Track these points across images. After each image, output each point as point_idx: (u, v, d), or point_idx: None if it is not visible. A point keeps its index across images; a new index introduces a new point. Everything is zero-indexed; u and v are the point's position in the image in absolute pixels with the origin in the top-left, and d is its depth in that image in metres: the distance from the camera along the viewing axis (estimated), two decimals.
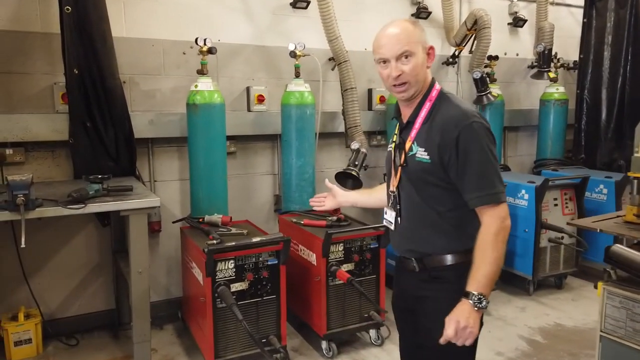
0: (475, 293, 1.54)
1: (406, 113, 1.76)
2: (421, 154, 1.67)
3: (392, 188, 1.79)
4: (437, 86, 1.73)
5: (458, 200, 1.65)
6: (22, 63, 3.17)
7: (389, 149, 1.87)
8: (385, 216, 1.86)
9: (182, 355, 3.20)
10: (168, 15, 3.53)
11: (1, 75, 3.13)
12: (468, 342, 1.54)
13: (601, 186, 4.24)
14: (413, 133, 1.71)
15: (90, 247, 3.50)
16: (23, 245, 2.33)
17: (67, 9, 2.95)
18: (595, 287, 2.10)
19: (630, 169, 2.13)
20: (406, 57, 1.63)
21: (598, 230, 2.12)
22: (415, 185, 1.71)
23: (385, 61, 1.66)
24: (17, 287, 3.28)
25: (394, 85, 1.67)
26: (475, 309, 1.53)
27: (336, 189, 2.21)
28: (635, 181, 2.11)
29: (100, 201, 2.67)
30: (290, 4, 3.91)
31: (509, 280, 4.21)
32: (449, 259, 1.70)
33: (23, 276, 3.25)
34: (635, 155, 2.14)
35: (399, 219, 1.77)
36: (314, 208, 2.29)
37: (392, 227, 1.81)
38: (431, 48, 1.70)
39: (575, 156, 5.03)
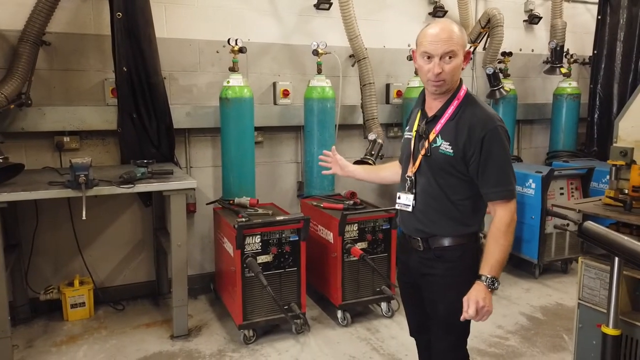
0: (489, 276, 1.74)
1: (433, 106, 1.90)
2: (445, 147, 1.82)
3: (410, 173, 1.94)
4: (464, 87, 1.88)
5: (470, 192, 1.85)
6: (78, 61, 3.61)
7: (407, 136, 2.01)
8: (399, 200, 1.98)
9: (215, 320, 3.61)
10: (204, 18, 3.92)
11: (61, 72, 3.57)
12: (484, 319, 1.74)
13: (608, 177, 4.42)
14: (438, 127, 1.86)
15: (134, 224, 3.94)
16: (84, 218, 2.74)
17: (118, 15, 3.36)
18: None
19: (610, 158, 2.40)
20: (450, 57, 1.75)
21: (577, 211, 2.40)
22: (435, 173, 1.86)
23: (429, 57, 1.77)
24: (72, 257, 3.75)
25: (432, 80, 1.79)
26: (489, 290, 1.74)
27: (343, 161, 2.32)
28: (613, 168, 2.38)
29: (146, 182, 3.08)
30: (314, 5, 4.24)
31: (516, 264, 4.49)
32: (452, 241, 1.89)
33: (78, 248, 3.72)
34: (614, 145, 2.41)
35: (414, 202, 1.92)
36: (321, 164, 2.39)
37: (410, 209, 1.94)
38: (468, 52, 1.84)
39: (587, 149, 5.21)
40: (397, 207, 2.01)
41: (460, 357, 2.03)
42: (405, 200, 1.95)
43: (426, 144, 1.87)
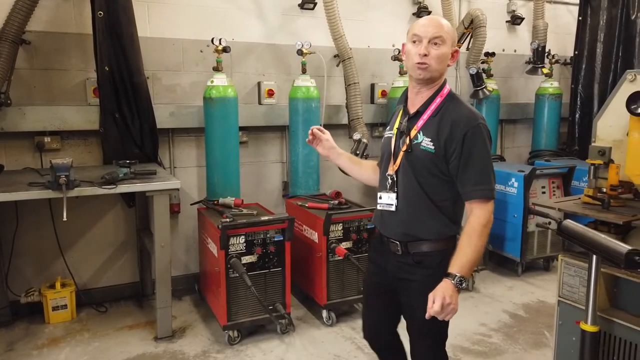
0: (458, 275, 1.69)
1: (415, 103, 1.89)
2: (427, 143, 1.81)
3: (391, 172, 1.90)
4: (448, 86, 1.89)
5: (449, 193, 1.84)
6: (59, 60, 3.56)
7: (387, 135, 1.98)
8: (380, 200, 1.94)
9: (199, 321, 3.59)
10: (187, 17, 3.89)
11: (42, 72, 3.52)
12: (449, 317, 1.70)
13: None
14: (420, 123, 1.84)
15: (117, 225, 3.90)
16: (65, 219, 2.73)
17: (100, 14, 3.32)
18: None
19: (588, 157, 2.44)
20: (436, 43, 1.76)
21: (557, 210, 2.44)
22: (416, 172, 1.83)
23: (417, 41, 1.78)
24: (54, 259, 3.70)
25: (417, 63, 1.78)
26: (456, 289, 1.68)
27: (332, 142, 2.15)
28: (592, 167, 2.41)
29: (129, 183, 3.05)
30: (299, 5, 4.24)
31: (499, 262, 4.55)
32: (431, 246, 1.86)
33: (59, 250, 3.67)
34: (593, 144, 2.45)
35: (397, 201, 1.88)
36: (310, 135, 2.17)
37: (393, 209, 1.90)
38: (457, 51, 1.85)
39: (569, 148, 5.29)
40: (379, 207, 1.97)
41: (440, 358, 2.04)
42: (388, 200, 1.91)
43: (407, 140, 1.85)
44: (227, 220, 3.16)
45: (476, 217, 1.77)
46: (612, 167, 2.31)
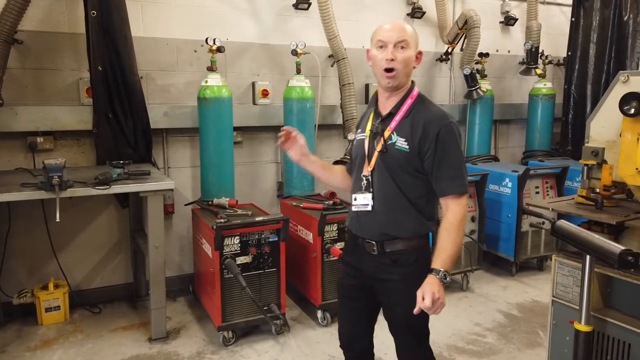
0: (442, 270, 1.75)
1: (387, 105, 1.93)
2: (401, 143, 1.86)
3: (366, 173, 1.93)
4: (416, 88, 1.94)
5: (424, 190, 1.89)
6: (51, 60, 3.54)
7: (360, 137, 2.01)
8: (355, 202, 1.97)
9: (194, 322, 3.57)
10: (181, 16, 3.88)
11: (34, 71, 3.50)
12: (438, 312, 1.73)
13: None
14: (393, 124, 1.89)
15: (111, 226, 3.88)
16: (58, 220, 2.71)
17: (93, 13, 3.30)
18: None
19: (582, 157, 2.45)
20: (402, 47, 1.82)
21: (550, 210, 2.45)
22: (391, 171, 1.88)
23: (382, 46, 1.84)
24: (47, 260, 3.67)
25: (385, 70, 1.83)
26: (442, 283, 1.74)
27: (306, 148, 2.09)
28: (585, 167, 2.43)
29: (123, 183, 3.04)
30: (293, 5, 4.24)
31: (493, 262, 4.56)
32: (406, 244, 1.90)
33: (52, 251, 3.64)
34: (586, 145, 2.46)
35: (373, 201, 1.92)
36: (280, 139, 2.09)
37: (369, 209, 1.93)
38: (420, 53, 1.90)
39: (562, 148, 5.32)
40: (354, 209, 1.99)
41: (426, 356, 2.06)
42: (364, 201, 1.94)
43: (381, 141, 1.90)
44: (222, 220, 3.15)
45: (452, 212, 1.84)
46: (606, 167, 2.33)
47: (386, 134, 1.90)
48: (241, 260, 3.14)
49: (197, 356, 3.12)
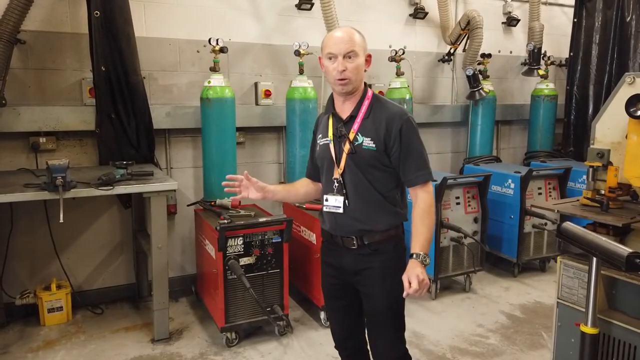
0: (421, 253, 1.87)
1: (345, 109, 2.01)
2: (368, 142, 1.95)
3: (337, 175, 2.00)
4: (370, 89, 2.03)
5: (394, 182, 2.00)
6: (54, 60, 3.53)
7: (323, 142, 2.06)
8: (327, 203, 2.02)
9: (196, 323, 3.57)
10: (184, 17, 3.87)
11: (36, 71, 3.49)
12: (425, 292, 1.84)
13: (584, 177, 4.52)
14: (356, 126, 1.98)
15: (113, 227, 3.88)
16: (62, 221, 2.70)
17: (96, 13, 3.29)
18: None
19: (587, 159, 2.44)
20: (350, 57, 1.89)
21: (555, 211, 2.46)
22: (363, 170, 1.97)
23: (332, 57, 1.91)
24: (49, 261, 3.67)
25: (338, 79, 1.92)
26: (423, 265, 1.86)
27: (260, 183, 2.16)
28: (591, 169, 2.42)
29: (126, 184, 3.03)
30: (296, 5, 4.23)
31: (495, 263, 4.56)
32: (384, 234, 1.99)
33: (55, 252, 3.64)
34: (591, 147, 2.46)
35: (346, 202, 1.98)
36: (227, 190, 2.18)
37: (341, 211, 1.98)
38: (369, 56, 1.98)
39: (564, 149, 5.32)
40: (325, 209, 2.04)
41: (402, 353, 2.08)
42: (335, 202, 2.01)
43: (348, 144, 1.97)
44: (225, 221, 3.14)
45: (422, 200, 1.96)
46: (611, 169, 2.32)
47: (351, 136, 1.98)
48: (244, 261, 3.13)
49: (200, 357, 3.11)
